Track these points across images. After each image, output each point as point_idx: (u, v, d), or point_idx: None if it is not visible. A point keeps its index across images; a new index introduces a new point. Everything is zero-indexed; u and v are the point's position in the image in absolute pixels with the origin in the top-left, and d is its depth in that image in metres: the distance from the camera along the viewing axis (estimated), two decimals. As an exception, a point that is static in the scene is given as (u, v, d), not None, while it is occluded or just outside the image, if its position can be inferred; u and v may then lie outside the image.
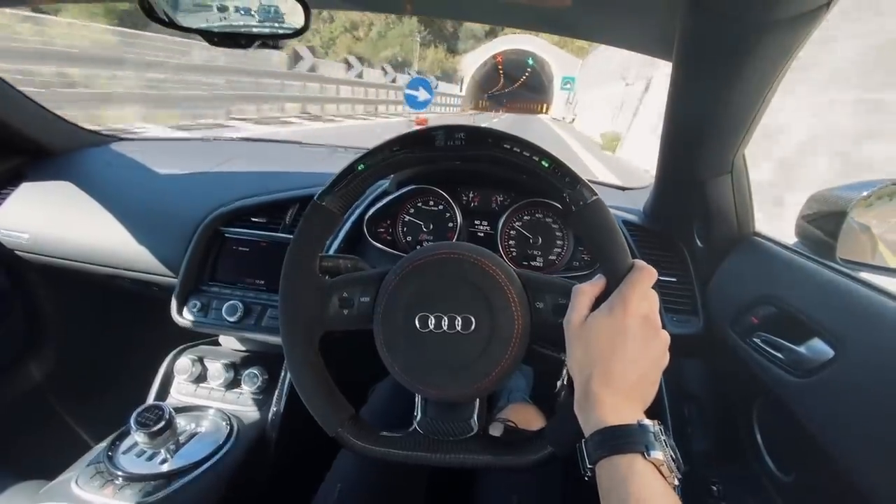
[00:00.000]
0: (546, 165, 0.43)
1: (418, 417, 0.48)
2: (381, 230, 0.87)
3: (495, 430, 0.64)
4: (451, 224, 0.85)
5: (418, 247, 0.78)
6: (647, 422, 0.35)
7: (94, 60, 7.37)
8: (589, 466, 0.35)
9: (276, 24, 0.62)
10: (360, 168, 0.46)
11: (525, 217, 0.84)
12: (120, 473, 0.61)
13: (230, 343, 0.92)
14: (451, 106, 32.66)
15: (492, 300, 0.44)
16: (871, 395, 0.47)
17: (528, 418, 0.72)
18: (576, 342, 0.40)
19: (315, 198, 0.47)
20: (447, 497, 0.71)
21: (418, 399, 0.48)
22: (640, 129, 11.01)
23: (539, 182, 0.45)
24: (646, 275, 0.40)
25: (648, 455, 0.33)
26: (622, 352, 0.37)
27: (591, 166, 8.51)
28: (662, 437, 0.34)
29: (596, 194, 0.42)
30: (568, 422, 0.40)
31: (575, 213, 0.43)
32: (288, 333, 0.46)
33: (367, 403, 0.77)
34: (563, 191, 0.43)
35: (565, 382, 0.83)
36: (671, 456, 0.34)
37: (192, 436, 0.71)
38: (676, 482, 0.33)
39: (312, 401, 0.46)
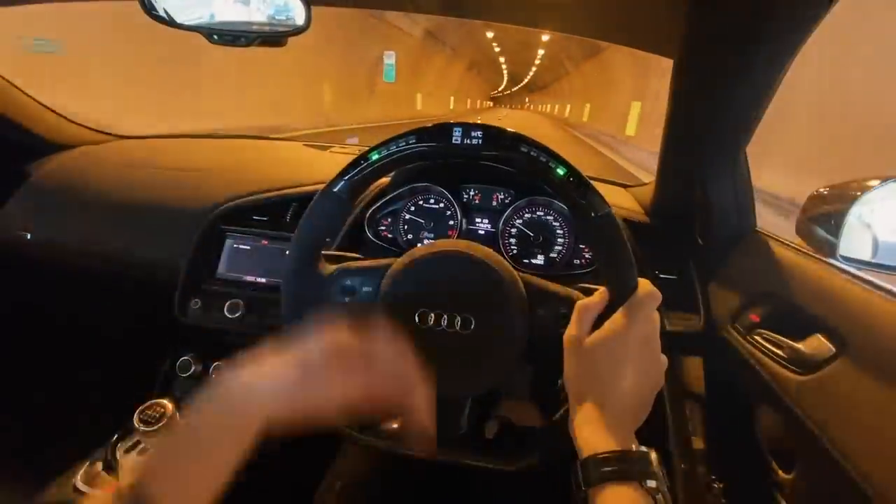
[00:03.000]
0: (561, 173, 0.43)
1: None
2: (382, 228, 0.87)
3: (490, 428, 0.64)
4: (451, 222, 0.85)
5: (419, 244, 0.78)
6: (644, 449, 0.35)
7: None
8: (584, 489, 0.35)
9: (277, 22, 0.61)
10: (373, 157, 0.46)
11: (526, 215, 0.84)
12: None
13: (232, 341, 0.92)
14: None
15: (493, 303, 0.44)
16: (872, 391, 0.47)
17: (525, 416, 0.72)
18: (574, 360, 0.40)
19: (327, 184, 0.46)
20: (446, 496, 0.71)
21: None
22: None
23: (551, 187, 0.44)
24: (650, 297, 0.39)
25: (644, 484, 0.33)
26: (621, 376, 0.37)
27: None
28: (658, 466, 0.34)
29: (609, 207, 0.42)
30: (557, 433, 0.40)
31: (586, 223, 0.42)
32: (289, 317, 0.46)
33: None
34: (575, 199, 0.42)
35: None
36: (666, 484, 0.34)
37: (195, 433, 0.71)
38: None
39: None
